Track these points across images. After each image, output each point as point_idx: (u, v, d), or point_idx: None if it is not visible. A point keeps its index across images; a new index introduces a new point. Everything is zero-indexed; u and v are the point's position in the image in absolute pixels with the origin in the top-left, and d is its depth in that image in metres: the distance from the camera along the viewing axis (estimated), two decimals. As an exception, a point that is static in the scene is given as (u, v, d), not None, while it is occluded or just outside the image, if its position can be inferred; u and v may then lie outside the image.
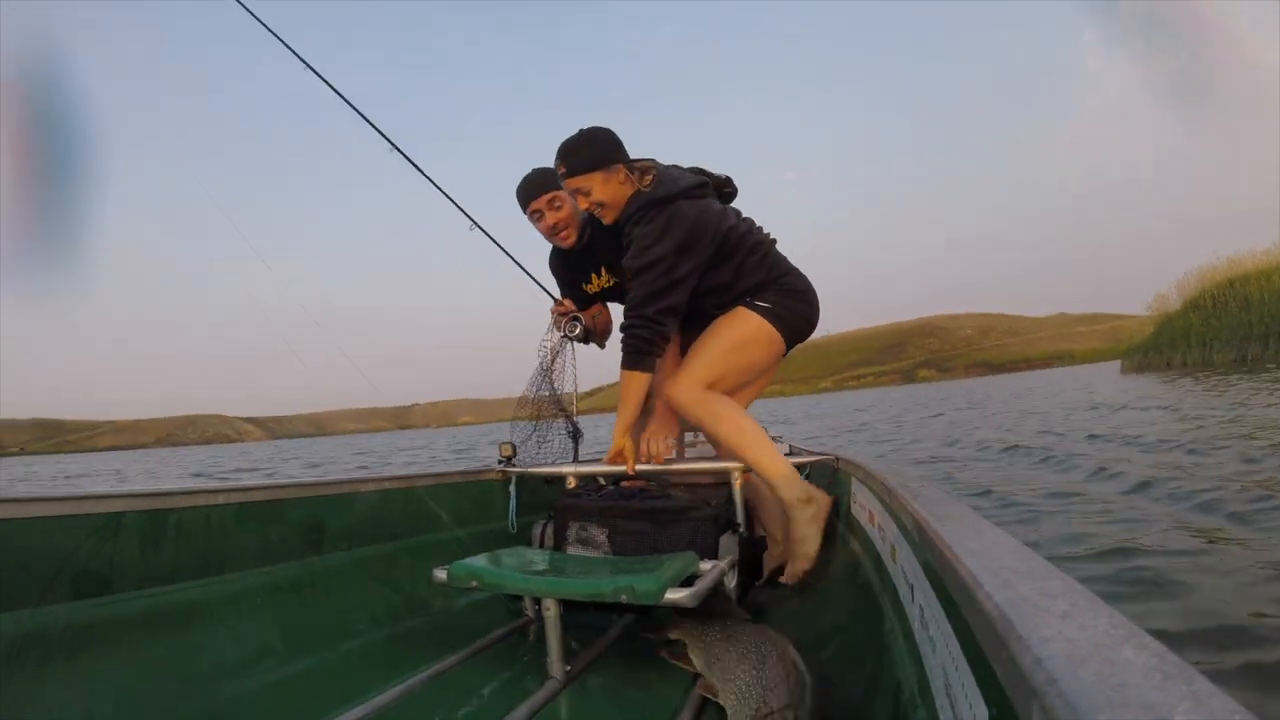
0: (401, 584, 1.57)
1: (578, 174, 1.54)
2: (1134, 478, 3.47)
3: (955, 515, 0.72)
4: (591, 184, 1.54)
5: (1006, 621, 0.38)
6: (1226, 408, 6.57)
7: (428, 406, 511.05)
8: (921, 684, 0.70)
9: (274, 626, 1.29)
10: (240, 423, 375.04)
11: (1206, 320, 17.79)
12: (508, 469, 1.89)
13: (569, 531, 1.59)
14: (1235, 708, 0.26)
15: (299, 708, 1.11)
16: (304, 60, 2.07)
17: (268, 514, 1.38)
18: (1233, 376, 11.72)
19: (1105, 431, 5.76)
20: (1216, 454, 3.93)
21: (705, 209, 1.55)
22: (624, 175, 1.55)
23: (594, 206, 1.57)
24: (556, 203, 1.79)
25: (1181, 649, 1.19)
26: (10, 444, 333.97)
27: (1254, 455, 3.73)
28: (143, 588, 1.16)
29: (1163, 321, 20.28)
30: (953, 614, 0.57)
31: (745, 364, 1.64)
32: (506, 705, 1.06)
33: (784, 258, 1.68)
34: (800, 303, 1.66)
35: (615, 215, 1.58)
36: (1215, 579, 1.85)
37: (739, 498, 1.61)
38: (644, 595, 1.07)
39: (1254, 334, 15.95)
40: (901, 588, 0.90)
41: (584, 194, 1.55)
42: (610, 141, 1.56)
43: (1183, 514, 2.66)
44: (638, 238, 1.52)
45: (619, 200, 1.56)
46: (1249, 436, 4.44)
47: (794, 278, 1.67)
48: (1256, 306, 16.39)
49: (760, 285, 1.62)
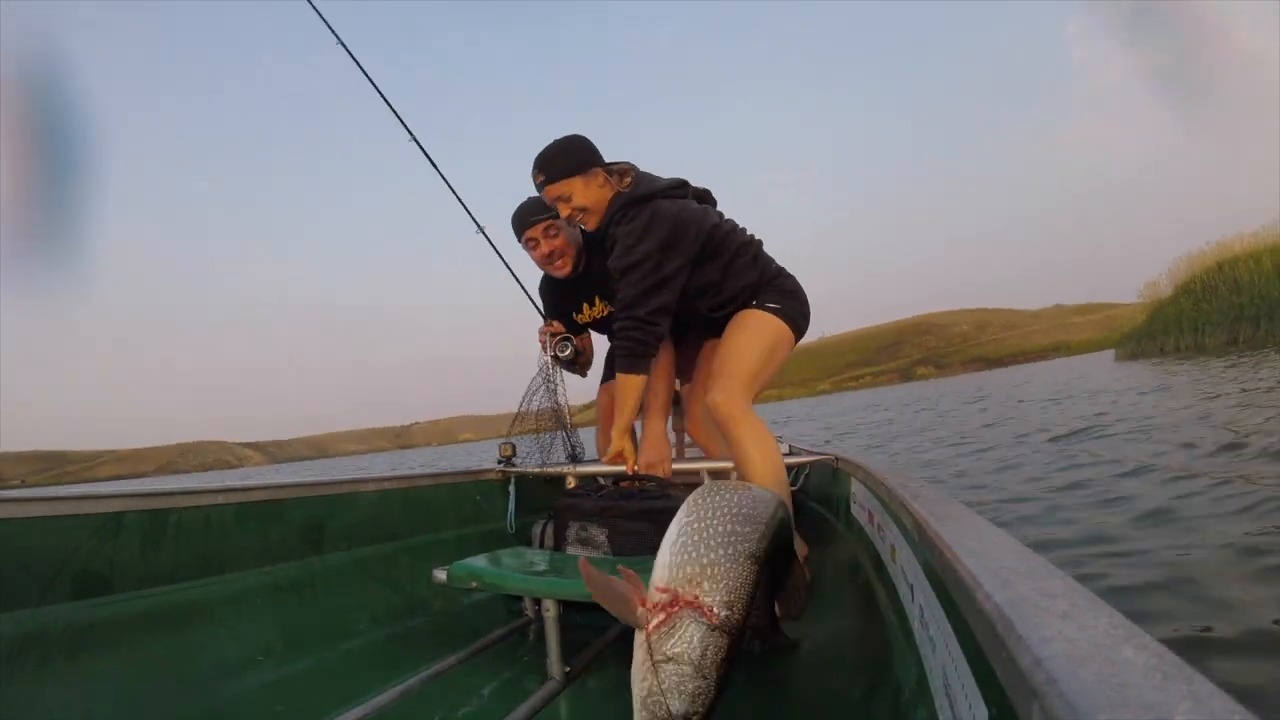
0: (401, 584, 1.57)
1: (556, 180, 1.53)
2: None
3: (955, 515, 0.73)
4: (571, 189, 1.52)
5: (1006, 621, 0.38)
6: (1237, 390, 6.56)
7: (428, 425, 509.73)
8: (921, 684, 0.70)
9: (274, 626, 1.29)
10: (240, 448, 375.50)
11: (1197, 304, 17.85)
12: (507, 469, 1.88)
13: (569, 532, 1.59)
14: (1235, 708, 0.26)
15: (299, 708, 1.11)
16: (337, 35, 2.00)
17: (268, 514, 1.38)
18: (1224, 358, 11.80)
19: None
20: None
21: (685, 207, 1.54)
22: (603, 179, 1.54)
23: (576, 213, 1.55)
24: (552, 230, 1.77)
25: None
26: (11, 476, 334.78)
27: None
28: (143, 588, 1.16)
29: (1155, 308, 20.34)
30: (952, 614, 0.58)
31: (776, 369, 1.62)
32: (506, 705, 1.06)
33: (772, 259, 1.68)
34: (798, 302, 1.65)
35: (598, 220, 1.57)
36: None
37: None
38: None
39: (1245, 315, 15.99)
40: (901, 588, 0.90)
41: (564, 200, 1.54)
42: (586, 148, 1.55)
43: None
44: (621, 237, 1.51)
45: (600, 204, 1.55)
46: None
47: (785, 278, 1.66)
48: (1246, 288, 16.45)
49: (755, 286, 1.61)
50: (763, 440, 1.49)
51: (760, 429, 1.51)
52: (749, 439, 1.48)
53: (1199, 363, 11.66)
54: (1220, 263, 18.00)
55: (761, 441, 1.49)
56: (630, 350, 1.52)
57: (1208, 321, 17.18)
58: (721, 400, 1.50)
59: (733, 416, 1.49)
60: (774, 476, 1.48)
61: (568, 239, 1.79)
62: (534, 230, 1.76)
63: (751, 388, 1.55)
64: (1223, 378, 7.76)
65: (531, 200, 1.76)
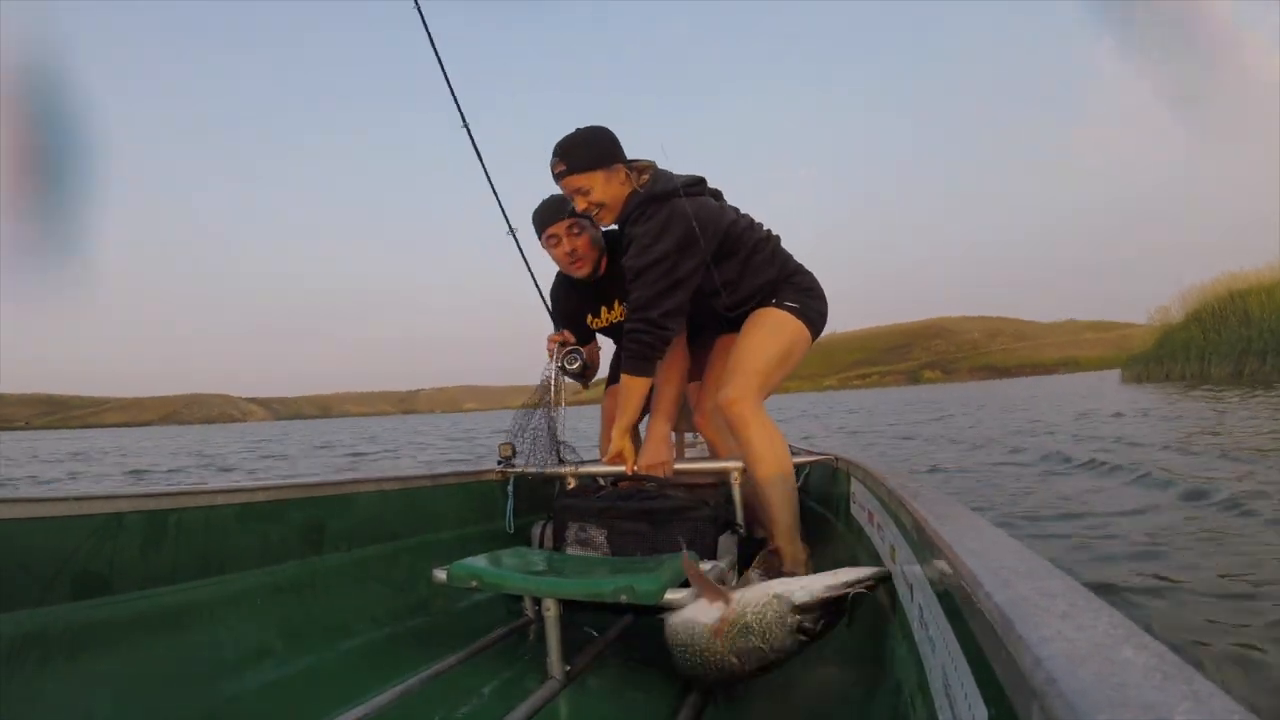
0: (401, 584, 1.57)
1: (578, 172, 1.49)
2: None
3: (955, 515, 0.73)
4: (593, 183, 1.49)
5: (1006, 621, 0.38)
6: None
7: (433, 392, 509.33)
8: (921, 684, 0.71)
9: (274, 626, 1.29)
10: (244, 403, 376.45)
11: (1206, 334, 17.78)
12: (507, 469, 1.88)
13: (568, 532, 1.59)
14: (1235, 708, 0.27)
15: (299, 708, 1.11)
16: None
17: (268, 514, 1.38)
18: (1229, 390, 11.76)
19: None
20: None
21: (704, 205, 1.51)
22: (624, 175, 1.52)
23: (593, 207, 1.52)
24: (575, 229, 1.73)
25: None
26: (15, 419, 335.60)
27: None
28: (143, 588, 1.16)
29: (1164, 333, 20.32)
30: (952, 614, 0.58)
31: (791, 369, 1.61)
32: (506, 705, 1.06)
33: (790, 255, 1.65)
34: (817, 300, 1.63)
35: (614, 217, 1.55)
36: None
37: (738, 497, 1.61)
38: (644, 596, 1.07)
39: (1252, 349, 15.91)
40: (901, 588, 0.90)
41: (583, 194, 1.50)
42: (610, 140, 1.52)
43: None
44: (638, 236, 1.49)
45: (617, 201, 1.53)
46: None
47: (804, 275, 1.64)
48: (1256, 321, 16.34)
49: (773, 283, 1.59)
50: (775, 442, 1.49)
51: (772, 429, 1.50)
52: (761, 439, 1.48)
53: (1207, 391, 11.54)
54: (1232, 293, 17.88)
55: (774, 443, 1.49)
56: (638, 353, 1.51)
57: (1215, 351, 17.13)
58: (735, 399, 1.49)
59: (743, 417, 1.48)
60: (785, 478, 1.48)
61: (591, 239, 1.76)
62: (557, 227, 1.73)
63: (765, 388, 1.54)
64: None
65: (556, 197, 1.72)
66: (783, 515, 1.47)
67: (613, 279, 1.80)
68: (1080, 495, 3.46)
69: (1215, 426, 6.10)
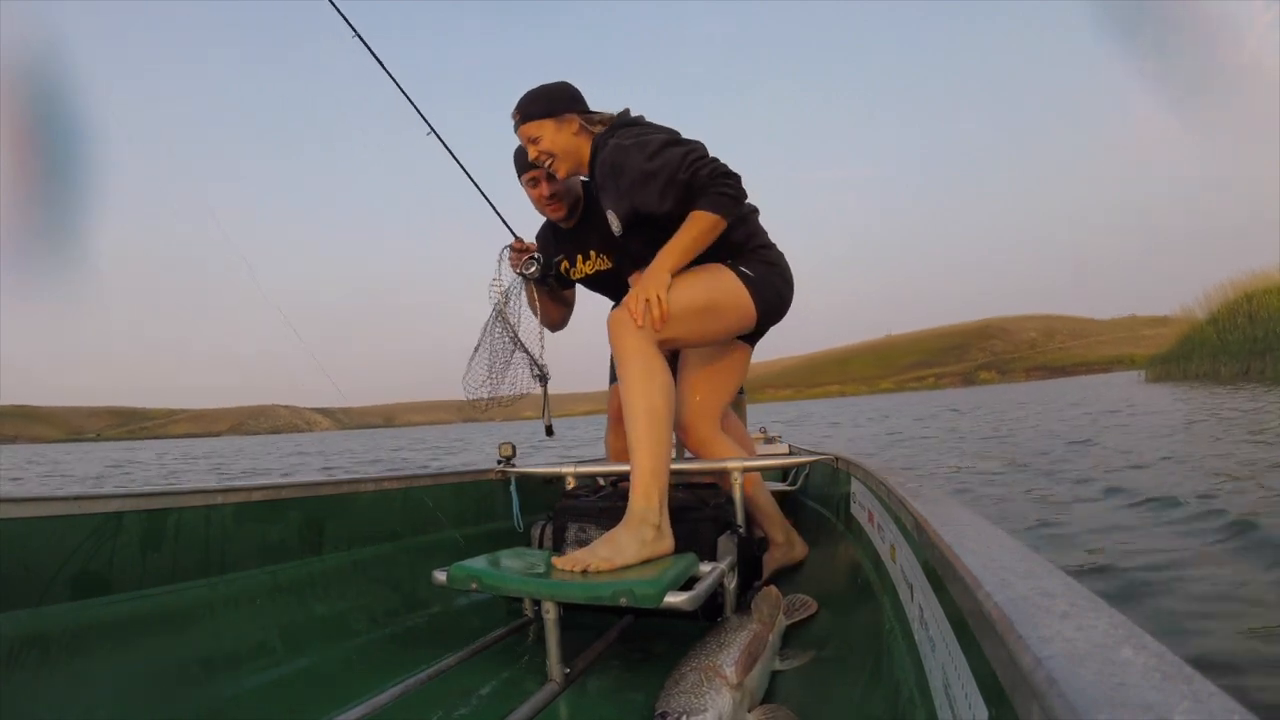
0: (401, 584, 1.57)
1: (528, 121, 1.52)
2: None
3: (955, 515, 0.73)
4: (542, 131, 1.51)
5: (1006, 621, 0.38)
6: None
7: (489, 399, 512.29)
8: (921, 684, 0.70)
9: (274, 626, 1.29)
10: (310, 413, 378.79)
11: (1221, 333, 17.87)
12: (507, 469, 1.89)
13: (568, 532, 1.59)
14: (1235, 708, 0.26)
15: (298, 708, 1.11)
16: (353, 28, 1.88)
17: (268, 514, 1.38)
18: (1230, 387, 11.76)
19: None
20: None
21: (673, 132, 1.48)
22: (577, 126, 1.53)
23: (543, 155, 1.54)
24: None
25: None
26: (88, 430, 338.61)
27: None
28: (143, 588, 1.16)
29: (1187, 332, 20.42)
30: (952, 614, 0.58)
31: (708, 332, 1.50)
32: (506, 706, 1.06)
33: (764, 230, 1.61)
34: (780, 280, 1.57)
35: (567, 168, 1.56)
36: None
37: (738, 497, 1.61)
38: (644, 598, 1.07)
39: (1258, 349, 16.02)
40: (901, 588, 0.90)
41: (533, 142, 1.53)
42: (565, 93, 1.54)
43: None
44: (629, 147, 1.42)
45: (569, 151, 1.53)
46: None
47: (774, 251, 1.59)
48: (1262, 321, 16.48)
49: (738, 247, 1.53)
50: (652, 376, 1.36)
51: (650, 359, 1.37)
52: (635, 368, 1.36)
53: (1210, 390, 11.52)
54: (1250, 293, 18.01)
55: (650, 377, 1.36)
56: (734, 195, 1.39)
57: (1225, 351, 17.25)
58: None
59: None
60: (650, 410, 1.34)
61: (568, 185, 1.80)
62: (537, 170, 1.76)
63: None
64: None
65: None
66: (643, 460, 1.32)
67: (590, 228, 1.83)
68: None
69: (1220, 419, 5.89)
